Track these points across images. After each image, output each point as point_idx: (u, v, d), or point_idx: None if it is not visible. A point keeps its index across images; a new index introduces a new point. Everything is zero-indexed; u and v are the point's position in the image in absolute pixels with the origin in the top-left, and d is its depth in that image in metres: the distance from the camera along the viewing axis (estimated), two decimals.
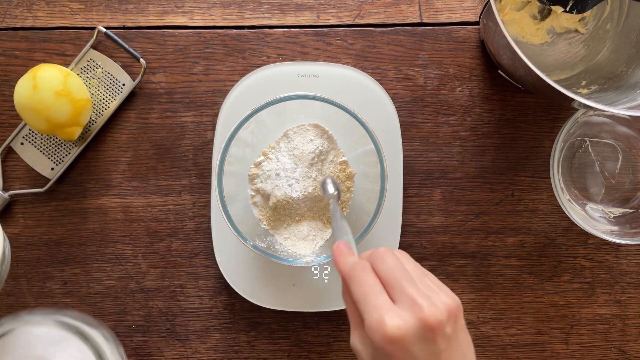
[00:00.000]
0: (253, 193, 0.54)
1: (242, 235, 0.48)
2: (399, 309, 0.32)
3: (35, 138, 0.58)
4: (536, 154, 0.60)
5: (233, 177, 0.52)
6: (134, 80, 0.58)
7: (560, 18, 0.58)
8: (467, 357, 0.34)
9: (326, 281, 0.55)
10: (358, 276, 0.34)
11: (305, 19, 0.59)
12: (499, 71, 0.58)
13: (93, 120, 0.58)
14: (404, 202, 0.56)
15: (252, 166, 0.54)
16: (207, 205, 0.58)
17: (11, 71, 0.58)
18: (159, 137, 0.59)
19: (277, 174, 0.52)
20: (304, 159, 0.52)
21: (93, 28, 0.58)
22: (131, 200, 0.58)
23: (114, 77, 0.58)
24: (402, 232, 0.56)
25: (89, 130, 0.58)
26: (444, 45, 0.59)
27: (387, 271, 0.34)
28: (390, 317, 0.32)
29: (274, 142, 0.54)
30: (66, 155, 0.58)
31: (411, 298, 0.32)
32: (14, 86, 0.53)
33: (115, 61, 0.58)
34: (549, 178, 0.57)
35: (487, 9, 0.48)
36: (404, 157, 0.56)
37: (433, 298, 0.33)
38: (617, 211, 0.59)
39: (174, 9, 0.59)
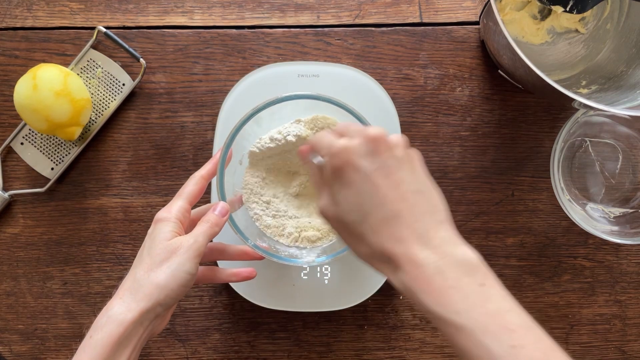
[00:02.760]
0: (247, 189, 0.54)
1: (243, 235, 0.48)
2: (347, 137, 0.37)
3: (35, 138, 0.58)
4: (536, 154, 0.60)
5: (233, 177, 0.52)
6: (134, 80, 0.58)
7: (561, 18, 0.58)
8: (421, 178, 0.37)
9: (326, 281, 0.55)
10: (318, 135, 0.39)
11: (305, 18, 0.59)
12: (499, 71, 0.58)
13: (93, 120, 0.58)
14: None
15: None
16: None
17: (11, 71, 0.58)
18: (159, 137, 0.59)
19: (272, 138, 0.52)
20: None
21: (93, 28, 0.58)
22: (131, 200, 0.58)
23: (114, 77, 0.58)
24: None
25: (89, 130, 0.58)
26: (444, 45, 0.59)
27: (342, 126, 0.39)
28: (339, 140, 0.37)
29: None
30: (66, 155, 0.58)
31: (360, 129, 0.37)
32: (14, 86, 0.53)
33: (115, 61, 0.58)
34: (549, 178, 0.57)
35: (487, 9, 0.48)
36: None
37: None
38: (617, 211, 0.59)
39: (174, 8, 0.59)
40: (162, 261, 0.41)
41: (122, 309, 0.40)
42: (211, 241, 0.45)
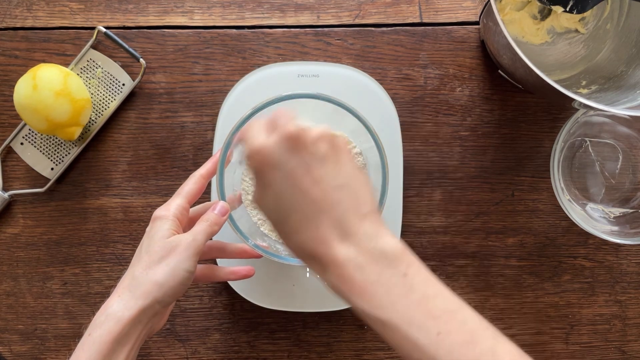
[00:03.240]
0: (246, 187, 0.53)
1: (243, 235, 0.48)
2: (268, 134, 0.35)
3: (35, 138, 0.58)
4: (536, 154, 0.60)
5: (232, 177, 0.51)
6: (134, 80, 0.58)
7: (561, 18, 0.58)
8: (340, 164, 0.35)
9: None
10: (248, 125, 0.38)
11: (305, 18, 0.59)
12: (499, 71, 0.58)
13: (93, 120, 0.58)
14: (404, 202, 0.56)
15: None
16: None
17: (11, 71, 0.58)
18: (159, 137, 0.58)
19: None
20: None
21: (93, 28, 0.58)
22: (131, 200, 0.58)
23: (113, 77, 0.58)
24: (402, 232, 0.56)
25: (88, 130, 0.58)
26: (444, 45, 0.59)
27: (275, 116, 0.36)
28: (260, 139, 0.35)
29: None
30: (66, 155, 0.58)
31: (282, 125, 0.35)
32: (13, 86, 0.53)
33: (115, 61, 0.58)
34: (549, 178, 0.57)
35: (487, 9, 0.48)
36: (404, 157, 0.56)
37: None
38: (617, 211, 0.59)
39: (174, 8, 0.59)
40: (160, 259, 0.41)
41: (120, 306, 0.40)
42: (210, 239, 0.45)
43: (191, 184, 0.46)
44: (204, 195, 0.58)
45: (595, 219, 0.58)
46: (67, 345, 0.58)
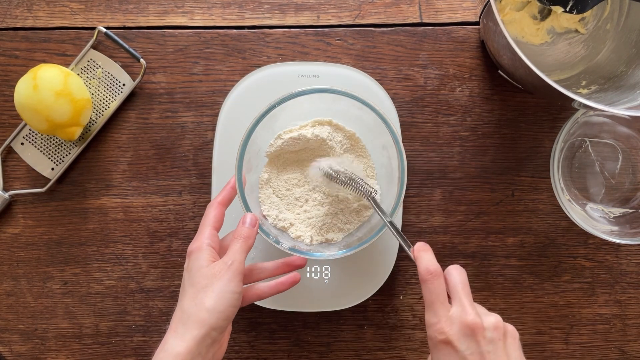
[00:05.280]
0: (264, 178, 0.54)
1: (275, 240, 0.48)
2: (451, 315, 0.41)
3: (36, 138, 0.58)
4: (536, 154, 0.60)
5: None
6: (134, 80, 0.58)
7: (560, 18, 0.58)
8: (508, 352, 0.40)
9: (326, 281, 0.55)
10: (430, 284, 0.42)
11: (305, 19, 0.59)
12: (499, 71, 0.58)
13: (93, 121, 0.58)
14: (404, 202, 0.56)
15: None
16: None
17: (11, 71, 0.58)
18: (159, 137, 0.59)
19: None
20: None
21: (93, 28, 0.58)
22: (131, 200, 0.58)
23: (114, 77, 0.58)
24: (402, 232, 0.56)
25: (89, 130, 0.58)
26: (444, 45, 0.59)
27: (453, 283, 0.43)
28: (444, 322, 0.40)
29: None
30: (66, 155, 0.58)
31: (463, 305, 0.41)
32: (14, 86, 0.54)
33: (115, 61, 0.58)
34: (549, 178, 0.57)
35: (487, 9, 0.48)
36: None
37: (480, 313, 0.41)
38: (617, 211, 0.59)
39: (174, 9, 0.59)
40: (205, 287, 0.41)
41: (177, 340, 0.40)
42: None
43: (212, 211, 0.46)
44: (205, 195, 0.58)
45: (595, 219, 0.58)
46: (67, 345, 0.58)
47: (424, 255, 0.44)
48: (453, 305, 0.42)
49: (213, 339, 0.41)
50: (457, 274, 0.43)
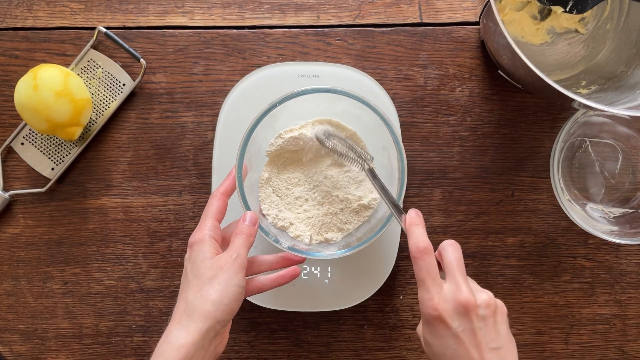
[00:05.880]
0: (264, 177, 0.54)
1: (275, 240, 0.48)
2: (444, 292, 0.41)
3: (36, 138, 0.58)
4: (536, 154, 0.60)
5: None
6: (134, 80, 0.58)
7: (560, 18, 0.58)
8: (501, 334, 0.41)
9: (326, 281, 0.55)
10: (421, 260, 0.42)
11: (305, 19, 0.59)
12: (499, 71, 0.58)
13: (93, 120, 0.58)
14: (404, 202, 0.56)
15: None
16: None
17: (11, 71, 0.58)
18: (159, 137, 0.59)
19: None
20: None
21: (93, 28, 0.58)
22: (131, 200, 0.58)
23: (114, 77, 0.58)
24: (402, 232, 0.56)
25: (89, 130, 0.58)
26: (444, 45, 0.59)
27: (447, 260, 0.42)
28: (437, 299, 0.41)
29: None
30: (66, 155, 0.58)
31: (457, 283, 0.41)
32: (14, 86, 0.54)
33: (115, 61, 0.58)
34: (549, 178, 0.57)
35: (487, 9, 0.48)
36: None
37: (474, 290, 0.41)
38: (617, 211, 0.59)
39: (174, 9, 0.59)
40: (211, 279, 0.42)
41: (181, 332, 0.40)
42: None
43: (215, 202, 0.46)
44: (205, 195, 0.58)
45: (595, 219, 0.58)
46: (67, 345, 0.58)
47: (414, 230, 0.43)
48: (447, 281, 0.42)
49: (217, 331, 0.41)
50: (452, 250, 0.43)
